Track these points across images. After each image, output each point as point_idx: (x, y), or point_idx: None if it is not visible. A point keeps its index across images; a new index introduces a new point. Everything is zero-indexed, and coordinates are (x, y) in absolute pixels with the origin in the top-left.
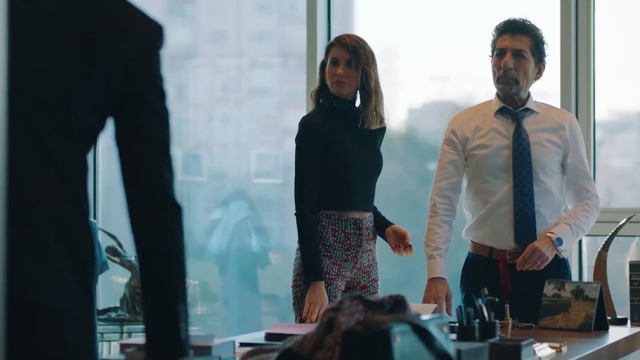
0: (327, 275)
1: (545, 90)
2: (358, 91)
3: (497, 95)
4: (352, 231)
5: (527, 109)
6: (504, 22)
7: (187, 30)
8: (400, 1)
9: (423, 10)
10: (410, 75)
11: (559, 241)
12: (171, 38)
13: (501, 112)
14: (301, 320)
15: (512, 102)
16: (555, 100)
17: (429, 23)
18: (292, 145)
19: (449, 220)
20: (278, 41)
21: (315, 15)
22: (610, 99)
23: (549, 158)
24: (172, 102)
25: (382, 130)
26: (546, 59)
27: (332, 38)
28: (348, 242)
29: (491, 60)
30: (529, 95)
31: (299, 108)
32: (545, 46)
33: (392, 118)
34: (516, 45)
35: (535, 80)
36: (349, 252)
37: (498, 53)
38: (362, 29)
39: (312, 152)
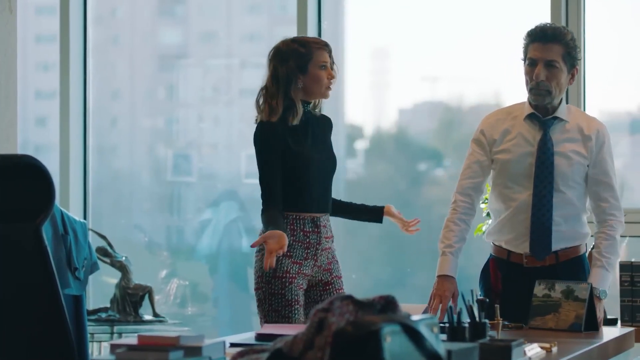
0: (288, 274)
1: None
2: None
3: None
4: (310, 229)
5: (556, 117)
6: (535, 28)
7: (177, 30)
8: (390, 1)
9: (414, 11)
10: (400, 75)
11: (604, 294)
12: (161, 38)
13: (530, 117)
14: (266, 321)
15: (542, 108)
16: None
17: (420, 23)
18: None
19: (467, 219)
20: (268, 41)
21: (305, 15)
22: (601, 99)
23: (572, 169)
24: (163, 103)
25: (330, 126)
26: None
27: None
28: (307, 240)
29: (523, 66)
30: (561, 101)
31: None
32: (577, 50)
33: (382, 118)
34: (548, 56)
35: (568, 85)
36: (308, 251)
37: (530, 63)
38: (352, 30)
39: (273, 152)
